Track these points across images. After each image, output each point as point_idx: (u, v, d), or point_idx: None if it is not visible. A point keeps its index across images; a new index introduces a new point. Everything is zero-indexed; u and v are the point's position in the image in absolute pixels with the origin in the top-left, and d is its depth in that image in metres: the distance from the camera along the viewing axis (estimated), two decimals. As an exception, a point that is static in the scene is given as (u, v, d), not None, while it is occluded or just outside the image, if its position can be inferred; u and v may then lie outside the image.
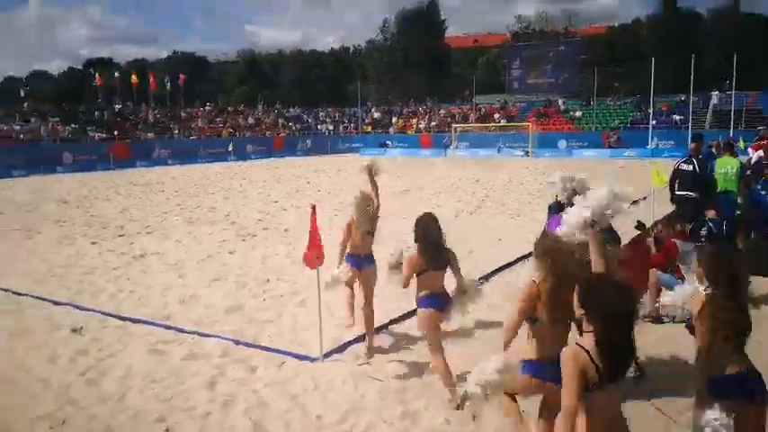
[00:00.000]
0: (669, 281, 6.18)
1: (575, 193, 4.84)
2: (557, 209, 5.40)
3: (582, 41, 51.78)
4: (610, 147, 37.95)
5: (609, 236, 4.46)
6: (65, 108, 40.78)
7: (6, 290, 7.77)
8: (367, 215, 5.59)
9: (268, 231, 12.04)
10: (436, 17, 68.63)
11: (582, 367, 2.44)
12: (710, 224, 6.96)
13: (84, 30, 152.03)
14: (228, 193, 19.34)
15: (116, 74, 49.84)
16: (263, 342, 5.87)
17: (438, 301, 4.67)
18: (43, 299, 7.37)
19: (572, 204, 3.53)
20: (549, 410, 3.38)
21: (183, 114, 46.89)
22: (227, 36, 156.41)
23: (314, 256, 5.26)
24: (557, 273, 3.37)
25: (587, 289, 2.62)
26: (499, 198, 16.81)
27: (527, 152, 39.07)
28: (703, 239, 6.76)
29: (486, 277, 8.12)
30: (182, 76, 51.91)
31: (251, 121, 49.38)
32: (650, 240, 6.53)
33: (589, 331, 2.51)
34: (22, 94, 45.44)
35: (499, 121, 45.46)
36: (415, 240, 4.82)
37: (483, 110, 49.25)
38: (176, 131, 42.00)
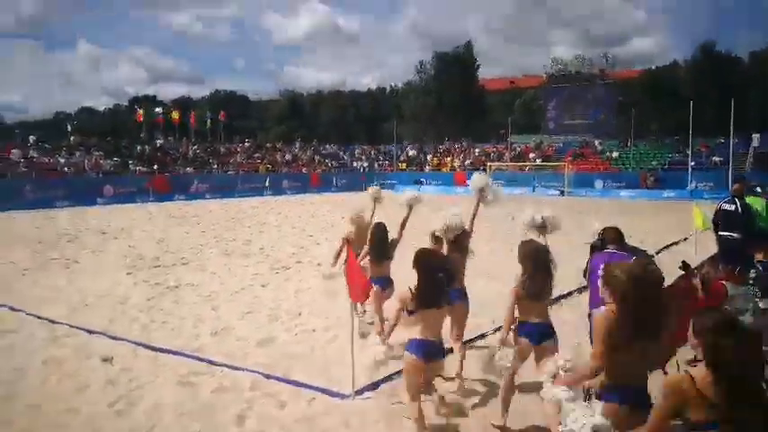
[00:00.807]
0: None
1: (544, 226, 5.89)
2: (600, 247, 5.21)
3: (619, 83, 51.45)
4: (647, 187, 37.25)
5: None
6: (108, 142, 42.08)
7: (42, 318, 7.84)
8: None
9: (301, 265, 12.00)
10: (470, 60, 69.28)
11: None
12: (759, 266, 6.62)
13: (132, 69, 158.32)
14: (264, 227, 19.46)
15: (158, 110, 51.36)
16: (293, 377, 5.74)
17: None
18: (77, 327, 7.39)
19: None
20: None
21: (222, 150, 47.92)
22: (267, 76, 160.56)
23: (357, 289, 5.15)
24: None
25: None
26: (535, 236, 16.48)
27: (563, 191, 38.61)
28: (752, 282, 6.43)
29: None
30: (222, 113, 53.40)
31: (288, 157, 50.14)
32: (696, 282, 6.22)
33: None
34: (69, 128, 47.16)
35: (534, 161, 45.19)
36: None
37: (518, 149, 49.08)
38: (215, 166, 42.85)
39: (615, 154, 43.78)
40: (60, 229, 18.93)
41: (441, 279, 4.42)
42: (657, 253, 12.44)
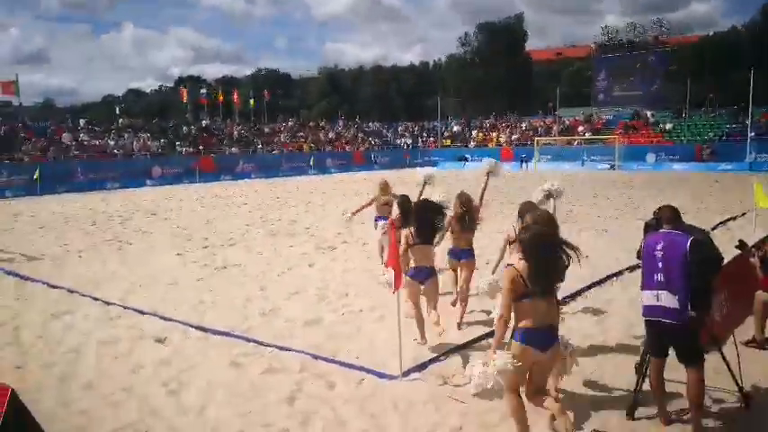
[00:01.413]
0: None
1: (550, 195, 6.56)
2: (653, 227, 4.94)
3: (673, 51, 49.28)
4: (703, 160, 35.82)
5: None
6: (155, 124, 43.00)
7: (97, 299, 8.05)
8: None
9: (347, 245, 12.00)
10: (519, 31, 67.60)
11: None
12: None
13: (176, 50, 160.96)
14: (309, 207, 19.57)
15: (203, 90, 52.06)
16: (341, 358, 5.73)
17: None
18: (130, 308, 7.57)
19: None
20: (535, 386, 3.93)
21: (266, 129, 48.38)
22: (309, 54, 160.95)
23: (398, 276, 5.10)
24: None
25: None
26: (585, 212, 16.07)
27: (613, 165, 37.54)
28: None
29: (575, 295, 7.70)
30: (266, 93, 53.80)
31: (331, 135, 50.27)
32: (755, 261, 5.91)
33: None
34: (118, 111, 48.38)
35: (584, 134, 44.00)
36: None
37: (566, 122, 47.84)
38: (259, 146, 43.32)
39: (669, 126, 42.18)
40: (112, 211, 19.48)
41: (430, 218, 5.90)
42: (713, 229, 11.95)
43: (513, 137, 47.57)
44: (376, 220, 9.12)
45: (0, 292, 8.68)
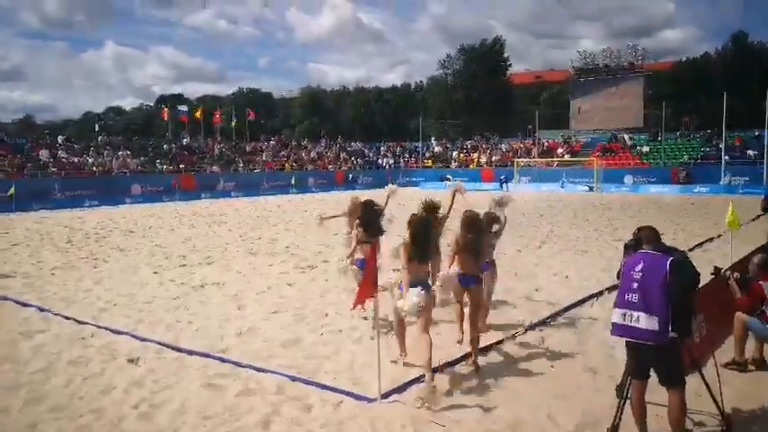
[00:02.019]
0: (756, 325, 5.64)
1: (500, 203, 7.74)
2: (634, 247, 4.94)
3: (648, 76, 50.31)
4: (679, 182, 36.41)
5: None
6: (135, 141, 42.64)
7: (69, 318, 7.85)
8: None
9: (327, 264, 11.89)
10: (500, 54, 68.53)
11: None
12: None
13: (158, 69, 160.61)
14: (289, 225, 19.46)
15: (183, 108, 51.83)
16: (319, 379, 5.63)
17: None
18: (103, 327, 7.39)
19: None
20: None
21: (247, 148, 48.22)
22: (292, 74, 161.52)
23: (361, 294, 5.09)
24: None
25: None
26: (565, 233, 16.18)
27: (592, 187, 37.99)
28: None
29: (556, 315, 7.69)
30: (251, 112, 53.79)
31: (313, 155, 50.25)
32: (732, 284, 5.97)
33: None
34: (97, 128, 47.92)
35: (562, 156, 44.54)
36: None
37: (546, 144, 48.42)
38: (241, 165, 43.11)
39: (645, 149, 42.91)
40: (89, 229, 19.16)
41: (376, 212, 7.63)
42: (690, 250, 12.08)
43: (494, 158, 47.98)
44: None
45: (-32, 311, 8.43)
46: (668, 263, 4.02)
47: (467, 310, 6.31)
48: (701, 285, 4.54)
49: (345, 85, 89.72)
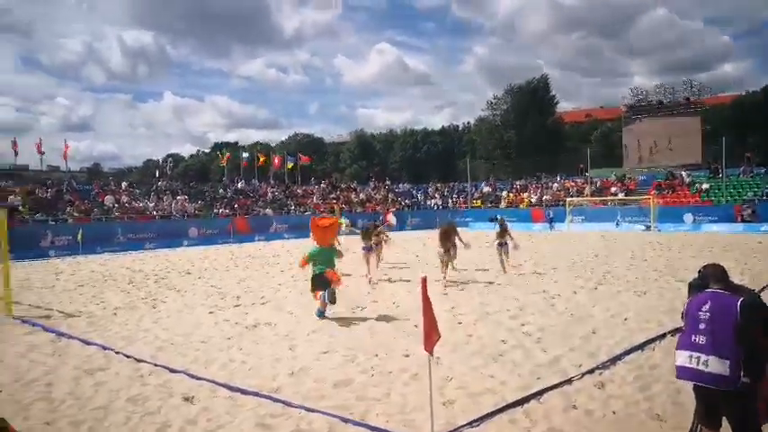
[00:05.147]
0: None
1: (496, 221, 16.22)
2: (698, 286, 4.75)
3: (706, 111, 49.02)
4: (743, 221, 34.90)
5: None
6: (193, 186, 44.17)
7: (129, 356, 8.08)
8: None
9: (377, 305, 11.89)
10: (546, 93, 68.46)
11: None
12: None
13: (213, 117, 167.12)
14: (339, 266, 19.53)
15: (245, 155, 53.64)
16: (371, 420, 5.56)
17: None
18: (161, 366, 7.56)
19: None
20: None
21: (299, 191, 49.22)
22: (341, 119, 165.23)
23: (430, 336, 5.00)
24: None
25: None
26: (622, 274, 15.69)
27: (649, 226, 36.87)
28: None
29: (615, 359, 7.41)
30: (304, 157, 55.24)
31: (362, 196, 50.79)
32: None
33: None
34: (157, 174, 49.97)
35: (616, 195, 43.54)
36: None
37: (598, 183, 47.50)
38: (292, 207, 43.96)
39: (705, 186, 41.46)
40: (148, 270, 19.80)
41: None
42: (761, 291, 11.49)
43: (545, 197, 47.32)
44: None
45: (37, 348, 8.80)
46: (739, 303, 3.82)
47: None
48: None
49: (393, 128, 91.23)
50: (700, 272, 4.35)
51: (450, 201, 53.24)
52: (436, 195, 54.86)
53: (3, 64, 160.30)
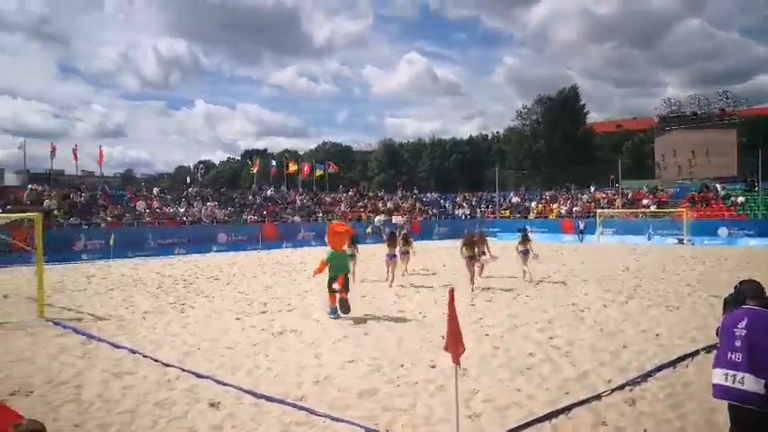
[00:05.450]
0: None
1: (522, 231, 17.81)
2: (734, 302, 4.62)
3: (742, 123, 47.89)
4: (782, 235, 33.92)
5: None
6: (223, 193, 44.72)
7: (157, 360, 8.17)
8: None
9: (404, 314, 11.84)
10: (576, 103, 67.81)
11: None
12: None
13: (243, 124, 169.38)
14: (366, 274, 19.57)
15: (274, 163, 54.17)
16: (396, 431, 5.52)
17: None
18: (187, 371, 7.62)
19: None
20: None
21: (327, 199, 49.47)
22: (369, 128, 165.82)
23: (455, 347, 4.95)
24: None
25: None
26: (653, 288, 15.37)
27: (681, 240, 36.09)
28: None
29: (646, 375, 7.23)
30: (332, 165, 55.57)
31: (390, 205, 50.80)
32: None
33: None
34: (188, 180, 50.70)
35: (648, 207, 42.75)
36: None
37: (629, 195, 46.71)
38: (320, 215, 44.17)
39: (741, 199, 40.44)
40: (177, 275, 20.06)
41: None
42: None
43: (575, 208, 46.71)
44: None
45: (67, 350, 8.96)
46: None
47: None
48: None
49: (421, 137, 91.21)
50: (735, 287, 4.24)
51: (478, 210, 52.92)
52: (464, 205, 54.57)
53: (43, 72, 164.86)
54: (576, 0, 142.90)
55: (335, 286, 11.64)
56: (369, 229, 40.79)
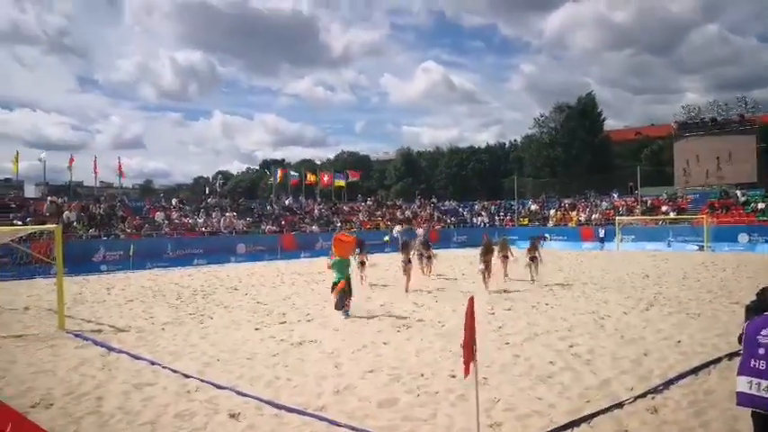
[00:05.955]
0: None
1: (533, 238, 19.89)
2: (756, 309, 4.54)
3: (762, 128, 47.19)
4: (805, 241, 33.33)
5: None
6: (241, 203, 45.01)
7: (176, 371, 8.22)
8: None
9: (423, 323, 11.80)
10: (593, 110, 67.39)
11: None
12: None
13: (261, 135, 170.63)
14: (386, 282, 19.57)
15: (294, 173, 54.48)
16: (416, 442, 5.49)
17: None
18: (207, 382, 7.66)
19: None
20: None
21: (345, 209, 49.58)
22: (386, 137, 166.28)
23: (467, 358, 4.93)
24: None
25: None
26: (674, 295, 15.16)
27: (702, 246, 35.60)
28: None
29: (668, 383, 7.13)
30: (352, 173, 55.81)
31: (408, 214, 50.78)
32: None
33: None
34: (207, 191, 51.12)
35: (668, 214, 42.26)
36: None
37: (649, 202, 46.22)
38: (339, 224, 44.25)
39: (761, 205, 39.84)
40: (197, 286, 20.20)
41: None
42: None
43: (594, 215, 46.31)
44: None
45: (87, 362, 9.04)
46: None
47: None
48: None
49: (439, 145, 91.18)
50: (758, 294, 4.18)
51: (496, 219, 52.70)
52: (482, 213, 54.39)
53: (61, 84, 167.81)
54: (592, 7, 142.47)
55: (338, 288, 13.07)
56: (386, 238, 40.80)
